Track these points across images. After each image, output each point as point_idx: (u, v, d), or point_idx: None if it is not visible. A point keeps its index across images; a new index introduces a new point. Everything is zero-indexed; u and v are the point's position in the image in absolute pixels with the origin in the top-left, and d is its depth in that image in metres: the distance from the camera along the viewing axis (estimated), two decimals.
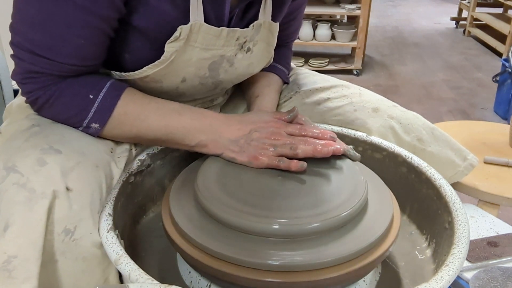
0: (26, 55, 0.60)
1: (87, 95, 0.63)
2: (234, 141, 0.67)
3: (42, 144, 0.58)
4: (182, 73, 0.70)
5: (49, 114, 0.65)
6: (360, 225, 0.58)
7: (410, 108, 0.87)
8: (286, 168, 0.63)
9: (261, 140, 0.66)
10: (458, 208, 0.63)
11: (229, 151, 0.66)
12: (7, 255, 0.51)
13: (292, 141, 0.65)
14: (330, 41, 3.32)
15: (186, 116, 0.67)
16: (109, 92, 0.64)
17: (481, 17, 4.32)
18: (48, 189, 0.54)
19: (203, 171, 0.64)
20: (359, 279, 0.60)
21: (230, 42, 0.71)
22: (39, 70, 0.61)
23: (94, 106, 0.64)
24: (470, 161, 0.85)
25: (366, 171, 0.70)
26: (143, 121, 0.66)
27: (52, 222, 0.54)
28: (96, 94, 0.64)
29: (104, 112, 0.64)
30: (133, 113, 0.66)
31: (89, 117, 0.64)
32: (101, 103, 0.64)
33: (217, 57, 0.71)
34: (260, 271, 0.52)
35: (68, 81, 0.63)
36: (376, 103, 0.85)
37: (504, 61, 2.54)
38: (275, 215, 0.55)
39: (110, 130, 0.66)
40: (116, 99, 0.65)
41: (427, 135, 0.82)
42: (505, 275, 0.71)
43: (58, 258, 0.54)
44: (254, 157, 0.65)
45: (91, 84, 0.64)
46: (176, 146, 0.69)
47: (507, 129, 1.32)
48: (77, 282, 0.56)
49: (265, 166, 0.64)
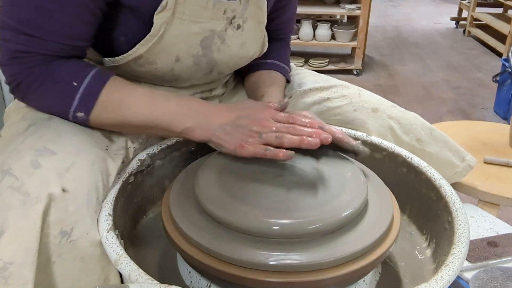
0: (12, 34, 0.60)
1: (70, 82, 0.63)
2: (221, 126, 0.65)
3: (37, 145, 0.58)
4: (175, 50, 0.70)
5: (34, 102, 0.65)
6: (360, 225, 0.58)
7: (410, 108, 0.87)
8: (273, 157, 0.61)
9: (248, 127, 0.64)
10: (458, 208, 0.63)
11: (216, 138, 0.65)
12: (2, 262, 0.51)
13: (279, 128, 0.63)
14: (330, 41, 3.32)
15: (173, 101, 0.67)
16: (94, 79, 0.64)
17: (481, 17, 4.32)
18: (43, 192, 0.53)
19: (203, 171, 0.64)
20: (359, 279, 0.60)
21: (218, 15, 0.71)
22: (25, 49, 0.61)
23: (78, 94, 0.63)
24: (469, 162, 0.85)
25: (366, 171, 0.70)
26: (129, 108, 0.65)
27: (48, 225, 0.53)
28: (80, 81, 0.63)
29: (88, 99, 0.63)
30: (117, 100, 0.65)
31: (74, 105, 0.63)
32: (86, 90, 0.63)
33: (207, 32, 0.71)
34: (260, 271, 0.52)
35: (53, 66, 0.63)
36: (376, 103, 0.85)
37: (504, 61, 2.54)
38: (275, 216, 0.55)
39: (96, 117, 0.65)
40: (100, 86, 0.64)
41: (426, 135, 0.82)
42: (505, 275, 0.71)
43: (55, 260, 0.54)
44: (240, 145, 0.63)
45: (75, 71, 0.64)
46: (163, 133, 0.69)
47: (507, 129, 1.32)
48: (76, 282, 0.56)
49: (251, 155, 0.62)
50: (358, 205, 0.58)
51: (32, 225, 0.52)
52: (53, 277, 0.55)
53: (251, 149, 0.62)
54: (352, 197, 0.59)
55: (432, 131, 0.83)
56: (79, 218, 0.56)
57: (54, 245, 0.54)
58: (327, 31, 3.28)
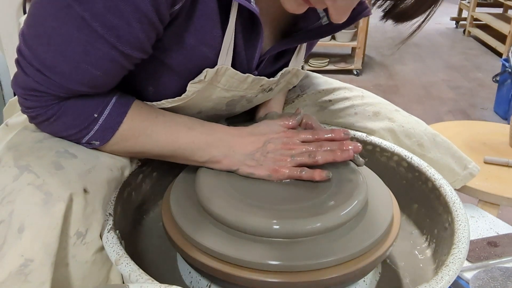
0: (32, 71, 0.55)
1: (91, 114, 0.59)
2: (249, 155, 0.63)
3: (57, 147, 0.58)
4: (200, 107, 0.68)
5: (48, 131, 0.62)
6: (360, 225, 0.58)
7: (410, 108, 0.88)
8: (309, 178, 0.61)
9: (277, 151, 0.63)
10: (458, 208, 0.63)
11: (246, 166, 0.62)
12: (24, 258, 0.50)
13: (309, 148, 0.63)
14: (330, 41, 3.32)
15: (196, 131, 0.63)
16: (115, 109, 0.60)
17: (481, 17, 4.32)
18: (65, 192, 0.53)
19: (204, 171, 0.64)
20: (359, 279, 0.60)
21: (254, 87, 0.68)
22: (44, 90, 0.56)
23: (97, 125, 0.59)
24: (470, 170, 0.85)
25: (366, 171, 0.70)
26: (149, 136, 0.62)
27: (67, 225, 0.54)
28: (100, 113, 0.59)
29: (107, 131, 0.60)
30: (138, 129, 0.61)
31: (90, 135, 0.60)
32: (105, 122, 0.59)
33: (237, 97, 0.69)
34: (260, 271, 0.52)
35: (72, 100, 0.58)
36: (378, 106, 0.85)
37: (504, 61, 2.54)
38: (275, 215, 0.55)
39: (111, 145, 0.62)
40: (121, 117, 0.60)
41: (428, 141, 0.82)
42: (505, 275, 0.71)
43: (69, 261, 0.54)
44: (274, 170, 0.61)
45: (95, 102, 0.59)
46: (184, 161, 0.65)
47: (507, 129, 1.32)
48: (84, 284, 0.56)
49: (286, 178, 0.61)
50: (357, 205, 0.58)
51: (54, 224, 0.52)
52: (65, 279, 0.55)
53: (286, 172, 0.61)
54: (352, 197, 0.59)
55: (435, 137, 0.83)
56: (94, 221, 0.56)
57: (70, 246, 0.54)
58: None
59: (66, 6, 0.49)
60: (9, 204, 0.52)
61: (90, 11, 0.49)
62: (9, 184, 0.53)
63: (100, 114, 0.59)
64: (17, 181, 0.53)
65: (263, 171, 0.62)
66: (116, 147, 0.62)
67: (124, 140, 0.61)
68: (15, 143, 0.59)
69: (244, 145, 0.64)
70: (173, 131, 0.63)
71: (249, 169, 0.62)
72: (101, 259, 0.57)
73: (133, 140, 0.62)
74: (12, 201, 0.52)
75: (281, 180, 0.62)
